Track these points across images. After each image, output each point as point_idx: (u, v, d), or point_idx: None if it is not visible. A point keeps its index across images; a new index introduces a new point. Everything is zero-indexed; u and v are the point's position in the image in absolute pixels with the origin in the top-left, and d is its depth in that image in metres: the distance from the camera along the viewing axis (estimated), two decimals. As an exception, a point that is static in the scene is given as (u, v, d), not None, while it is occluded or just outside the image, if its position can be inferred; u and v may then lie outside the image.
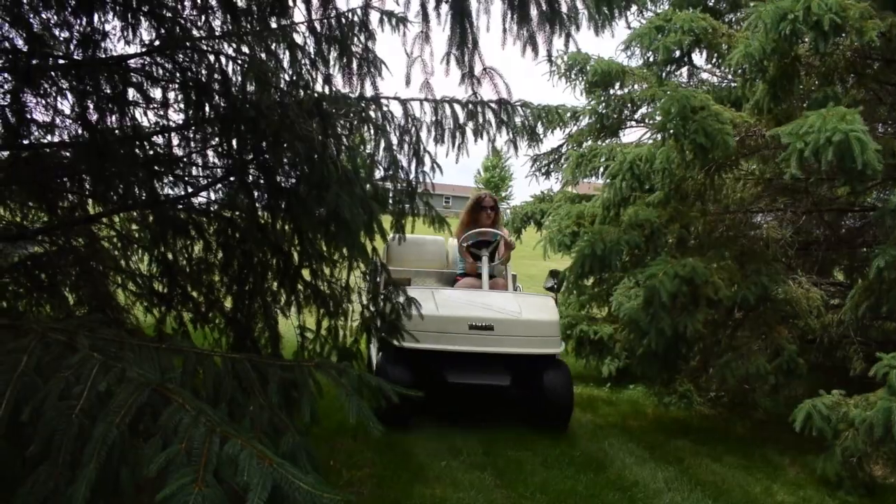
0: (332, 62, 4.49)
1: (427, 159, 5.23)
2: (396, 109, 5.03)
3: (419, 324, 4.38)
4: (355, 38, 4.58)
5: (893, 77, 5.70)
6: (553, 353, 5.32)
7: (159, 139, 4.55)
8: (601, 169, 6.80)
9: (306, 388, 2.72)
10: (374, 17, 4.62)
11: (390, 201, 4.98)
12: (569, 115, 7.68)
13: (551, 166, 8.30)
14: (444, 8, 4.01)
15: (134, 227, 4.93)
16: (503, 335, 5.08)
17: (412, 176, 5.22)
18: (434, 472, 4.29)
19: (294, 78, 4.21)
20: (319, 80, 4.44)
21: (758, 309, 5.17)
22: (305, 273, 4.41)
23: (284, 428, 2.53)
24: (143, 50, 4.21)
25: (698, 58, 7.03)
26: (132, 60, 4.25)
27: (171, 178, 4.55)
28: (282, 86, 4.20)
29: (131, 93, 4.30)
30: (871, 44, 4.87)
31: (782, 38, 4.78)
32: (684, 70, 7.36)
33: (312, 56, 4.37)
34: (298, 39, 4.23)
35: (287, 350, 4.45)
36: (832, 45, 4.99)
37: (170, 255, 4.62)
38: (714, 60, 7.05)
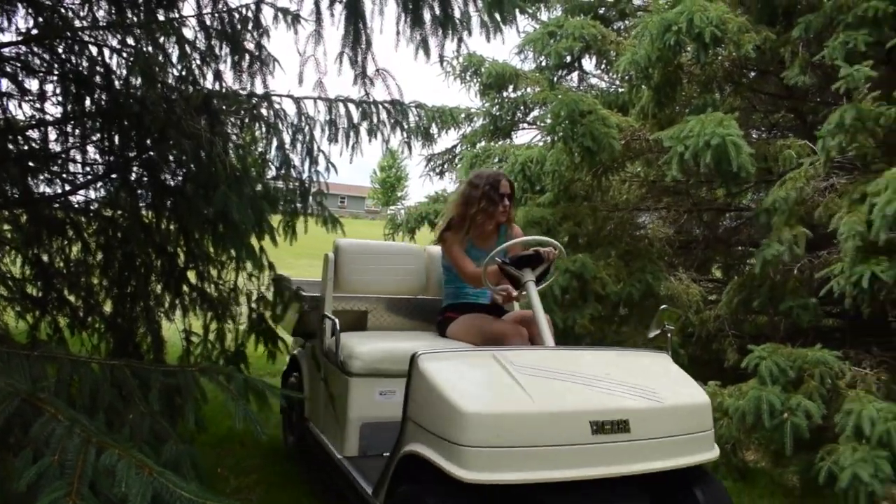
0: (222, 58, 4.39)
1: (321, 158, 5.17)
2: (289, 108, 4.95)
3: (489, 430, 2.28)
4: (248, 35, 4.49)
5: (767, 87, 6.04)
6: (710, 459, 2.92)
7: (35, 133, 4.33)
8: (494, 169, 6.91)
9: (190, 394, 2.64)
10: (268, 13, 4.54)
11: (282, 201, 4.90)
12: (463, 116, 7.76)
13: (446, 166, 8.37)
14: (339, 7, 3.98)
15: (6, 226, 4.65)
16: (643, 438, 2.57)
17: (305, 175, 5.15)
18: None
19: (183, 73, 4.09)
20: (209, 76, 4.33)
21: (642, 304, 5.36)
22: (191, 275, 4.28)
23: (167, 436, 2.46)
24: (20, 38, 3.99)
25: (588, 63, 7.27)
26: (6, 49, 4.03)
27: (46, 175, 4.33)
28: (169, 81, 4.07)
29: (5, 83, 4.08)
30: (747, 56, 5.15)
31: (667, 48, 4.98)
32: (575, 75, 7.59)
33: (202, 51, 4.25)
34: (188, 33, 4.11)
35: (171, 355, 4.30)
36: (712, 56, 5.25)
37: (45, 257, 4.40)
38: (603, 66, 7.29)
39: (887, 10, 4.48)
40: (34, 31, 3.95)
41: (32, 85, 4.19)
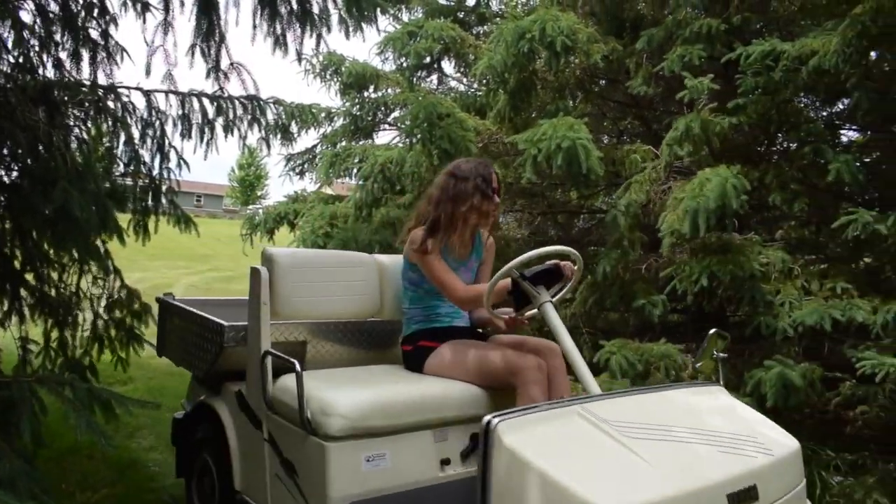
0: (64, 45, 4.14)
1: (173, 154, 4.99)
2: (139, 101, 4.75)
3: None
4: (93, 21, 4.26)
5: (615, 95, 6.36)
6: None
7: None
8: (354, 170, 6.88)
9: (26, 407, 2.47)
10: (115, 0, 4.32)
11: (131, 199, 4.68)
12: (323, 115, 7.67)
13: (305, 166, 8.25)
14: (190, -3, 3.85)
15: None
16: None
17: (156, 172, 4.95)
18: (183, 490, 4.08)
19: (19, 60, 3.82)
20: (49, 64, 4.08)
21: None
22: (30, 278, 4.00)
23: (1, 452, 2.28)
24: None
25: (448, 65, 7.38)
26: None
27: None
28: (4, 68, 3.80)
29: None
30: (596, 65, 5.40)
31: (521, 54, 5.14)
32: (435, 77, 7.68)
33: (41, 37, 3.99)
34: (26, 18, 3.84)
35: (7, 365, 3.99)
36: (564, 64, 5.46)
37: None
38: (462, 69, 7.42)
39: (719, 27, 4.84)
40: None
41: None
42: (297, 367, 2.49)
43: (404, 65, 6.65)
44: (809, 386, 3.98)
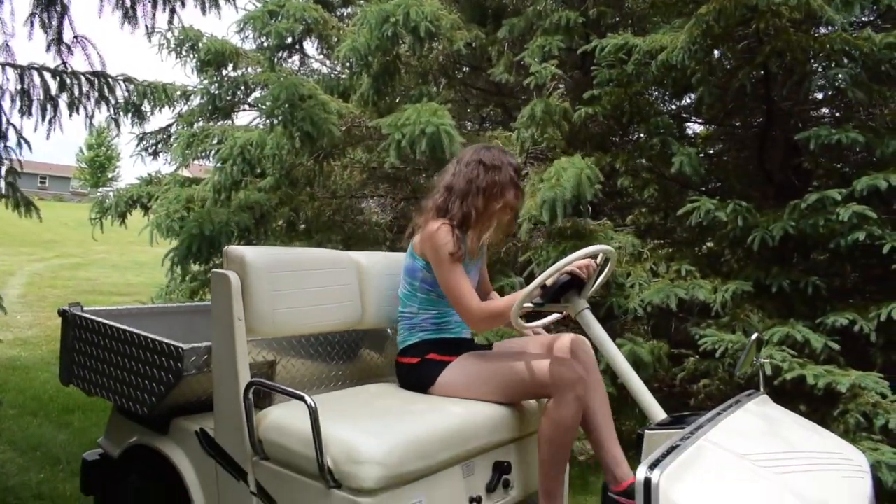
0: None
1: (11, 133, 4.65)
2: (-32, 73, 4.37)
3: None
4: None
5: (478, 82, 6.45)
6: None
7: None
8: (213, 151, 6.63)
9: None
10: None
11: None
12: (179, 93, 7.33)
13: (160, 146, 7.86)
14: (26, -39, 3.56)
15: None
16: None
17: (-10, 151, 4.59)
18: (30, 490, 3.78)
19: None
20: None
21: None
22: None
23: None
24: None
25: (310, 46, 7.22)
26: None
27: None
28: None
29: None
30: (459, 51, 5.45)
31: (385, 38, 5.11)
32: (297, 57, 7.51)
33: None
34: None
35: None
36: (428, 49, 5.48)
37: None
38: (325, 51, 7.28)
39: (577, 19, 5.00)
40: None
41: None
42: (309, 400, 2.01)
43: (265, 44, 6.45)
44: (657, 362, 4.22)
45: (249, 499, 2.26)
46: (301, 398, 2.04)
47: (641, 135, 5.31)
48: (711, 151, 5.94)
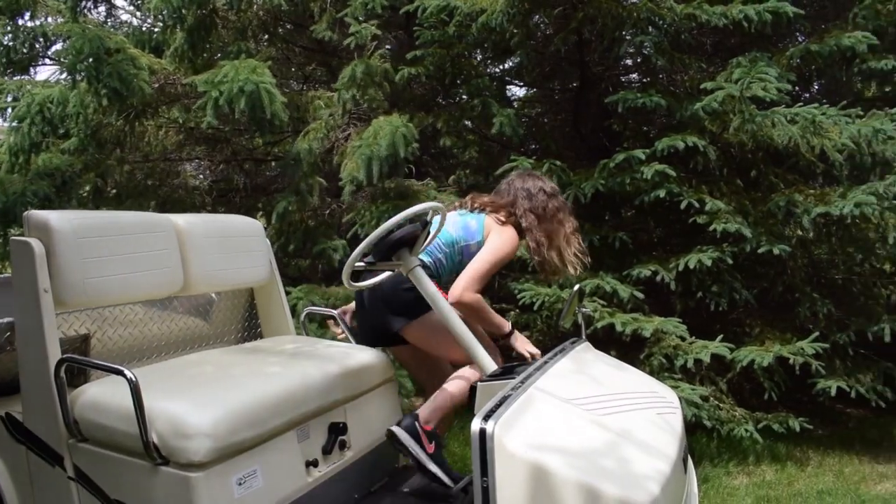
0: None
1: None
2: None
3: None
4: None
5: (300, 39, 6.27)
6: None
7: None
8: (8, 110, 6.03)
9: None
10: None
11: None
12: (-36, 44, 6.59)
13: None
14: None
15: None
16: None
17: None
18: None
19: None
20: None
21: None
22: None
23: None
24: None
25: (119, -4, 6.72)
26: None
27: None
28: None
29: None
30: (280, 7, 5.26)
31: (200, -10, 4.85)
32: (103, 7, 6.97)
33: None
34: None
35: None
36: (246, 4, 5.26)
37: None
38: (135, 2, 6.81)
39: (399, -23, 4.96)
40: None
41: None
42: (129, 374, 1.90)
43: (66, -9, 5.93)
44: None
45: (68, 485, 2.11)
46: (120, 372, 1.92)
47: (464, 96, 5.39)
48: (532, 114, 6.14)
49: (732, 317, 4.57)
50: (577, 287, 2.78)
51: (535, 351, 2.69)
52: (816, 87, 7.30)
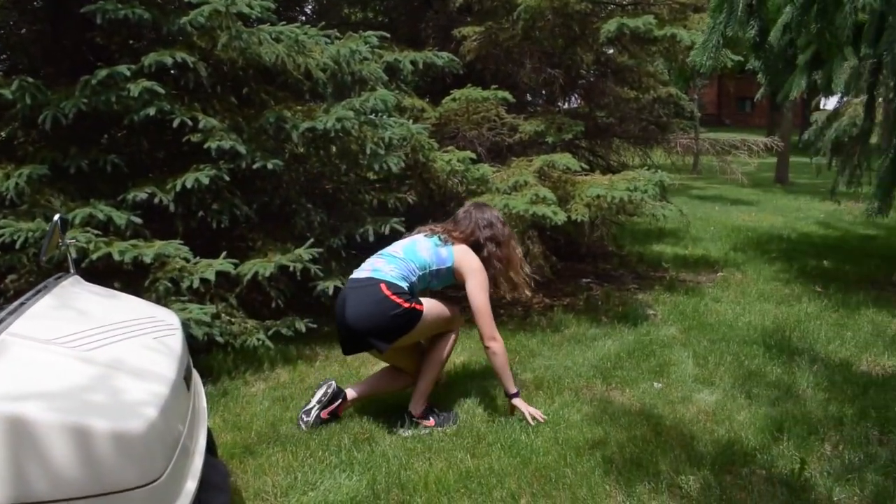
0: None
1: None
2: None
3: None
4: None
5: None
6: None
7: None
8: None
9: None
10: None
11: None
12: None
13: None
14: None
15: None
16: None
17: None
18: None
19: None
20: None
21: None
22: None
23: None
24: None
25: None
26: None
27: None
28: None
29: None
30: None
31: None
32: None
33: None
34: None
35: None
36: None
37: None
38: None
39: None
40: None
41: None
42: None
43: None
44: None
45: None
46: None
47: None
48: (9, 24, 5.29)
49: (236, 233, 4.65)
50: (56, 217, 2.65)
51: (542, 418, 3.40)
52: (309, 9, 7.72)
